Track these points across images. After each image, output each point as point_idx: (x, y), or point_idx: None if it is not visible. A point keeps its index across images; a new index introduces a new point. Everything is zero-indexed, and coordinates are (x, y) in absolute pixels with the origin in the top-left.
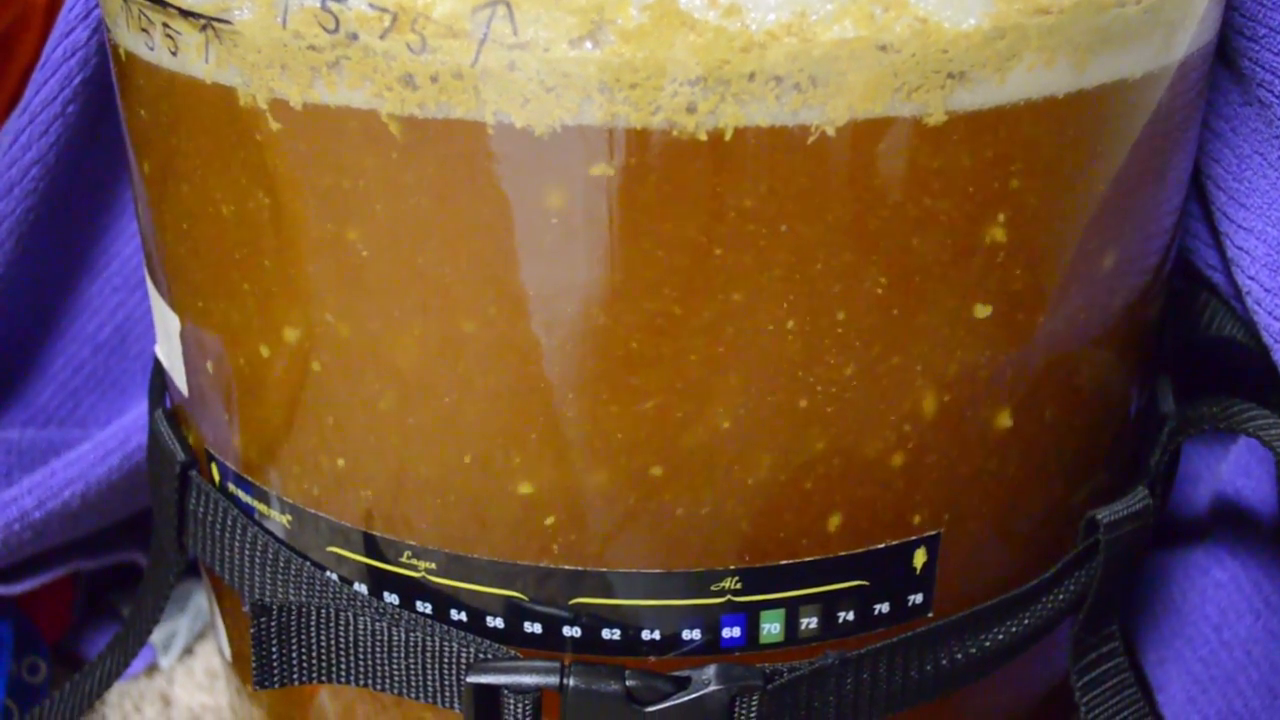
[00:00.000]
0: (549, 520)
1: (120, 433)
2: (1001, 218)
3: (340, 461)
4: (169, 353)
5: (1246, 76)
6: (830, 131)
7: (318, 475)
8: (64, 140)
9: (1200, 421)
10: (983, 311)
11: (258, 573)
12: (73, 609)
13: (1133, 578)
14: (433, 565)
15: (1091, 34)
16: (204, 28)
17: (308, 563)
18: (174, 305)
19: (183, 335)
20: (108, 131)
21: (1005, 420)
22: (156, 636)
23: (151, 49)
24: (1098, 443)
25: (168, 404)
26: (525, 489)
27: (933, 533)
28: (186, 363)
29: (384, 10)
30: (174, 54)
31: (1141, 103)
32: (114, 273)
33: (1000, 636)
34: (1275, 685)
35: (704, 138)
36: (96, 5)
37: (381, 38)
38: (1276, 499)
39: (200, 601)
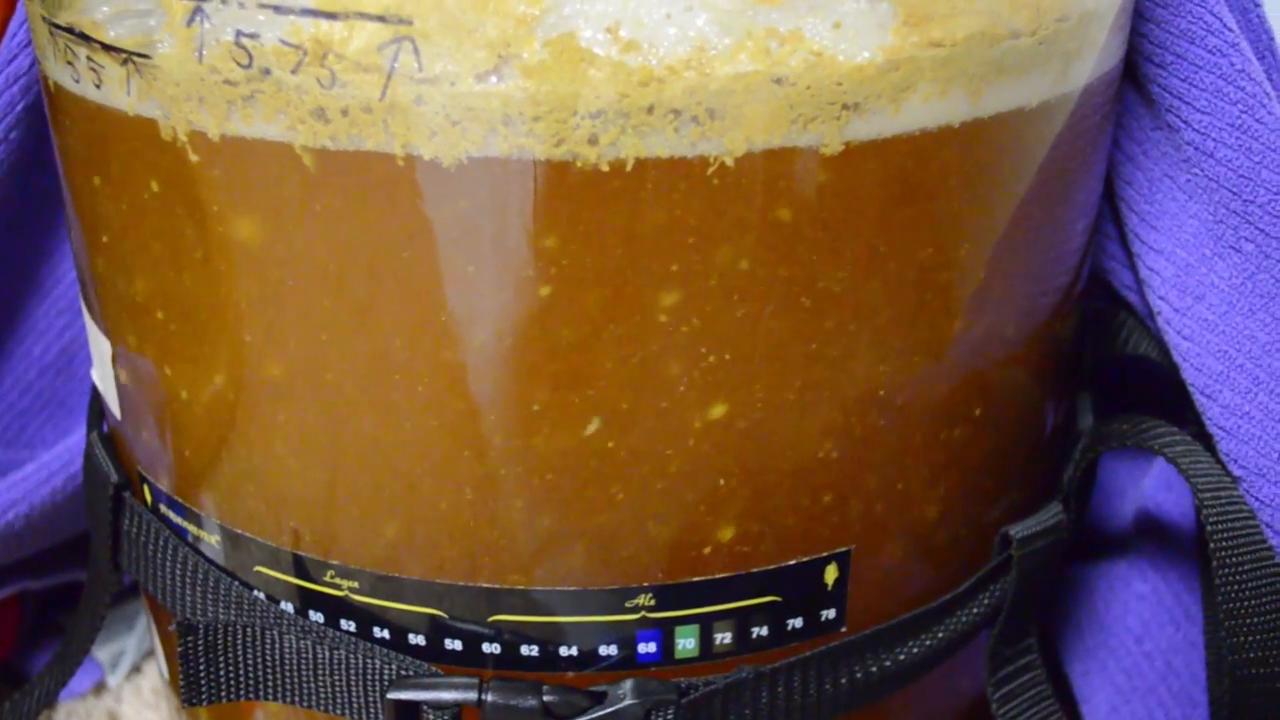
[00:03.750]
0: (468, 540)
1: (64, 454)
2: (902, 246)
3: (267, 483)
4: (103, 376)
5: (1156, 101)
6: (729, 162)
7: (245, 497)
8: (7, 165)
9: (1112, 438)
10: (888, 334)
11: (189, 592)
12: (20, 629)
13: (1048, 591)
14: (355, 584)
15: (985, 65)
16: (125, 62)
17: (236, 582)
18: (105, 330)
19: (114, 359)
20: (51, 155)
21: (916, 439)
22: (104, 655)
23: (77, 81)
24: (1012, 460)
25: (104, 427)
26: (446, 510)
27: (844, 549)
28: (118, 387)
29: (295, 46)
30: (98, 86)
31: (1041, 130)
32: (60, 295)
33: (915, 650)
34: (1195, 694)
35: (606, 169)
36: None
37: (293, 73)
38: (1195, 513)
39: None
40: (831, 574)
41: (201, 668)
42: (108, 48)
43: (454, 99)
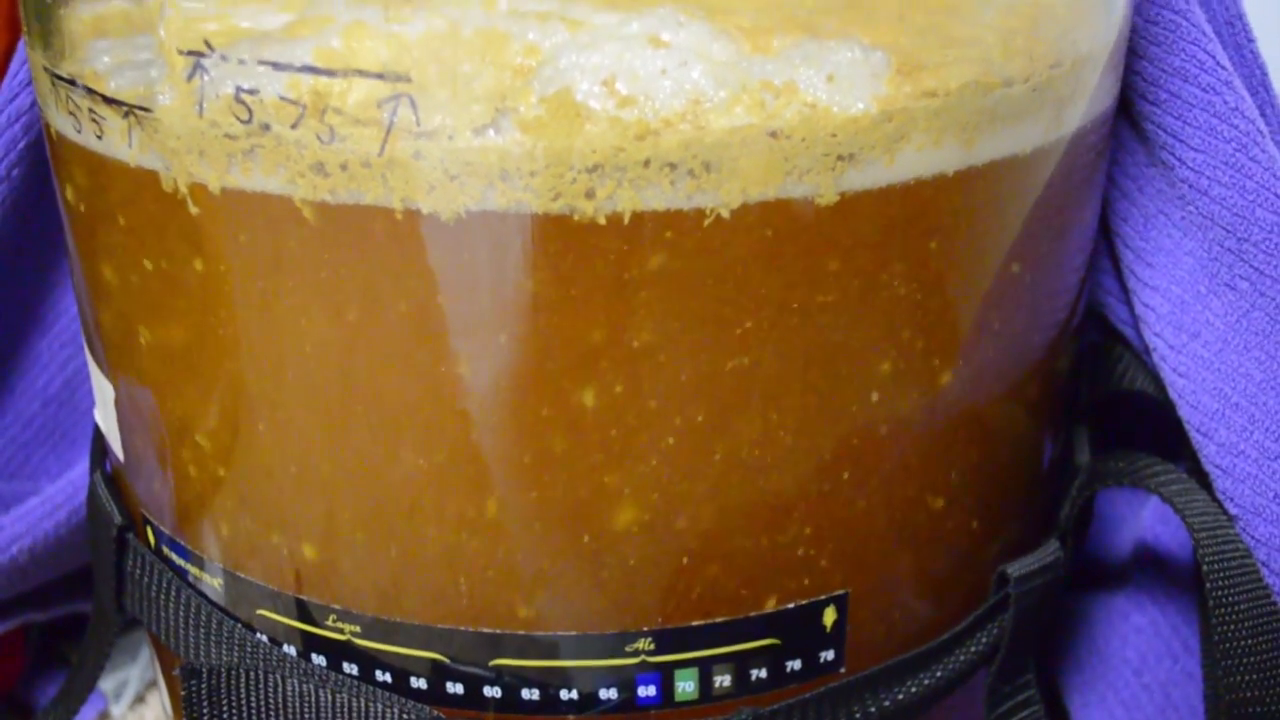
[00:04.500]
0: (470, 585)
1: (68, 487)
2: (898, 290)
3: (269, 526)
4: (105, 417)
5: (1150, 139)
6: (725, 214)
7: (248, 540)
8: (9, 203)
9: (1108, 476)
10: (884, 377)
11: (191, 634)
12: (24, 659)
13: (1046, 627)
14: (358, 628)
15: (978, 114)
16: (126, 114)
17: (239, 625)
18: (108, 373)
19: (117, 402)
20: (53, 192)
21: (913, 480)
22: (108, 685)
23: (79, 131)
24: (1008, 497)
25: (108, 467)
26: (447, 556)
27: (842, 592)
28: (121, 429)
29: (294, 101)
30: (99, 137)
31: (1035, 174)
32: (63, 328)
33: (913, 689)
34: None
35: (603, 221)
36: None
37: (293, 127)
38: (1192, 547)
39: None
40: (830, 616)
41: (205, 711)
42: (109, 100)
43: (452, 154)
